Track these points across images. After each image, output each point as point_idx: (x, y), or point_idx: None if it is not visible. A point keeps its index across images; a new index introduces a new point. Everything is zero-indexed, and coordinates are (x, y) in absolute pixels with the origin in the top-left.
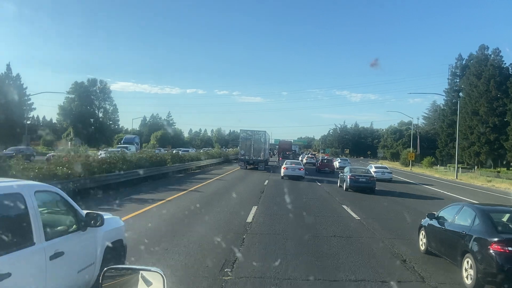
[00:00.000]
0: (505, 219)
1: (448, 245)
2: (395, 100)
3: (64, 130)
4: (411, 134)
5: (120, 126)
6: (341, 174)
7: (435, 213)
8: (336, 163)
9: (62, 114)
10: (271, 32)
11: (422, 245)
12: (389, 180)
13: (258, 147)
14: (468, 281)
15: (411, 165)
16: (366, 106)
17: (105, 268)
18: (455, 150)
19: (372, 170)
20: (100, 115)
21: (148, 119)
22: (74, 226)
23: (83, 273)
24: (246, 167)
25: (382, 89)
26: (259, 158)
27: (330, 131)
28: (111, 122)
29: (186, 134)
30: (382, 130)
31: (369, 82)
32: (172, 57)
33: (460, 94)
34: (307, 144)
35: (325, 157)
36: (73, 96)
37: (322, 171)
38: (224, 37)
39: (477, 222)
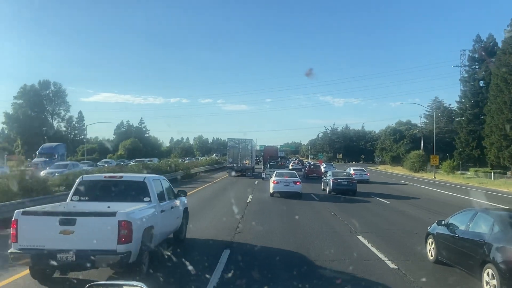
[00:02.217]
0: None
1: (463, 254)
2: (376, 104)
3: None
4: (413, 134)
5: (89, 137)
6: (324, 178)
7: (443, 220)
8: (322, 168)
9: (8, 123)
10: (253, 39)
11: (430, 254)
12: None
13: (245, 154)
14: None
15: (423, 170)
16: (349, 110)
17: (87, 285)
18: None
19: (351, 172)
20: (55, 123)
21: (121, 127)
22: (173, 196)
23: (177, 219)
24: (234, 174)
25: (364, 93)
26: (246, 166)
27: (319, 134)
28: (76, 132)
29: (167, 143)
30: (375, 132)
31: (351, 87)
32: (154, 67)
33: (481, 82)
34: (294, 150)
35: (312, 163)
36: (20, 101)
37: (311, 177)
38: (206, 46)
39: (496, 230)
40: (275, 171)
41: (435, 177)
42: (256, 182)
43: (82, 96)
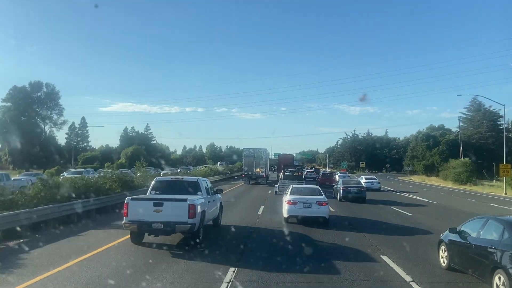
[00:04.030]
0: None
1: (475, 261)
2: (393, 112)
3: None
4: (450, 140)
5: (101, 145)
6: (335, 186)
7: (456, 227)
8: (337, 177)
9: None
10: (268, 48)
11: (443, 261)
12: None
13: (259, 163)
14: None
15: (471, 182)
16: (366, 118)
17: None
18: None
19: (363, 181)
20: (46, 128)
21: (129, 134)
22: (213, 193)
23: (216, 209)
24: (249, 182)
25: (380, 102)
26: (261, 174)
27: (339, 141)
28: (79, 139)
29: (179, 152)
30: (399, 139)
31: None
32: (171, 77)
33: None
34: (311, 158)
35: (327, 171)
36: (9, 104)
37: (323, 185)
38: (221, 56)
39: (506, 236)
40: (291, 186)
41: (506, 193)
42: (261, 209)
43: (100, 106)
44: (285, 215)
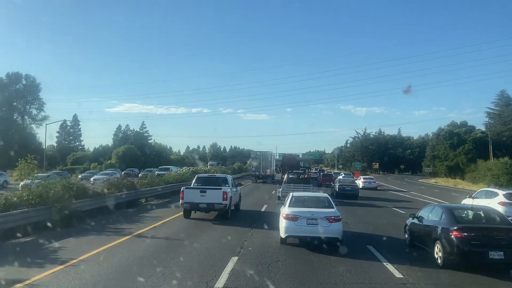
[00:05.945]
0: (470, 216)
1: (425, 236)
2: (400, 113)
3: None
4: (477, 138)
5: (85, 147)
6: (333, 184)
7: (415, 213)
8: (340, 178)
9: None
10: (272, 50)
11: (406, 240)
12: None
13: (265, 164)
14: (439, 261)
15: (510, 187)
16: (372, 119)
17: None
18: None
19: (361, 181)
20: (25, 123)
21: (126, 132)
22: (235, 186)
23: (237, 198)
24: (257, 181)
25: (387, 102)
26: (267, 174)
27: (349, 140)
28: (71, 138)
29: (182, 152)
30: (413, 138)
31: (373, 95)
32: (177, 78)
33: None
34: (318, 158)
35: (331, 172)
36: None
37: (324, 185)
38: (227, 57)
39: (443, 217)
40: (291, 194)
41: None
42: (260, 217)
43: (107, 107)
44: (282, 234)
